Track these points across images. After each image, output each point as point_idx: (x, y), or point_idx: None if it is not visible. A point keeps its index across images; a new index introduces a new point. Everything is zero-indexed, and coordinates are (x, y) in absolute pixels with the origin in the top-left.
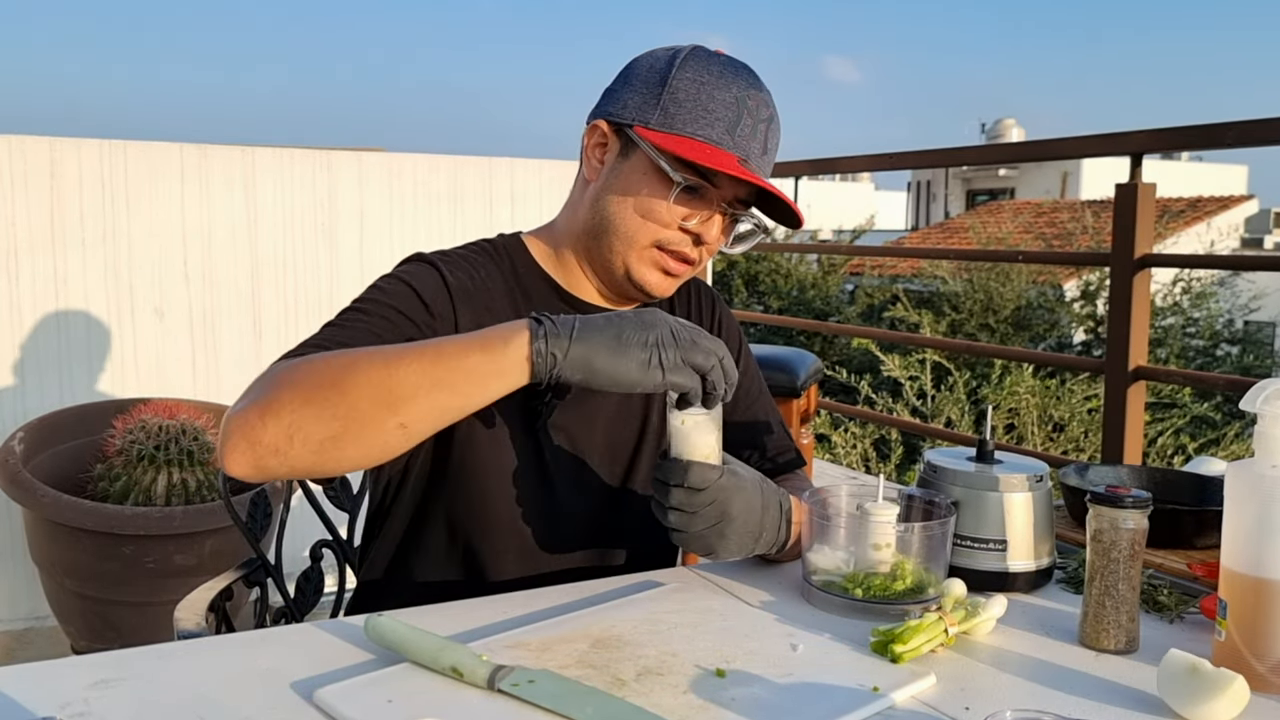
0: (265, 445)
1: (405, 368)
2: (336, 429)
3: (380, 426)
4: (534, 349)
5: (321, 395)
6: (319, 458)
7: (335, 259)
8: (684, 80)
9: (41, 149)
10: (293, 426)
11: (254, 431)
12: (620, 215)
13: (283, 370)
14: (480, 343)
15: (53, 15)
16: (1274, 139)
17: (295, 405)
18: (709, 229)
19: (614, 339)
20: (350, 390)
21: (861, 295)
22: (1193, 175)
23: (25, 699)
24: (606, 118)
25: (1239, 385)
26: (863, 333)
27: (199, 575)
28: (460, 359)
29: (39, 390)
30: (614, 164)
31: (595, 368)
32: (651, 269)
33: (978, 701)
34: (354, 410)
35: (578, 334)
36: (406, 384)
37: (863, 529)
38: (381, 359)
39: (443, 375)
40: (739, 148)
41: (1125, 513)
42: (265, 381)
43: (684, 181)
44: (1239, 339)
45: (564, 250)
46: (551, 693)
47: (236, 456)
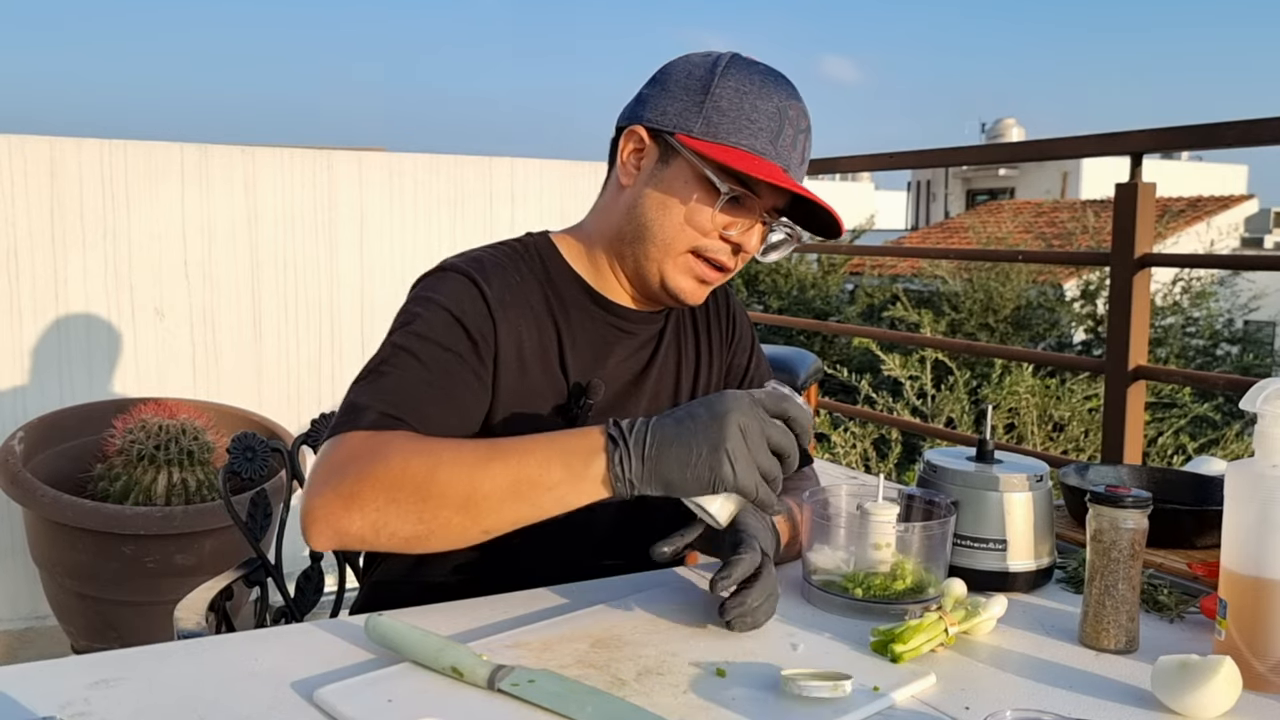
0: (352, 536)
1: (487, 480)
2: (422, 531)
3: (463, 532)
4: (612, 475)
5: (405, 498)
6: (405, 548)
7: (335, 259)
8: (727, 89)
9: (41, 149)
10: (379, 524)
11: (339, 522)
12: (659, 221)
13: (360, 454)
14: (562, 459)
15: (53, 15)
16: (1274, 139)
17: (380, 504)
18: (749, 238)
19: (684, 454)
20: (433, 497)
21: (861, 295)
22: (1193, 175)
23: (25, 699)
24: (644, 123)
25: (1239, 385)
26: (863, 332)
27: (199, 575)
28: (542, 474)
29: (39, 390)
30: (652, 170)
31: (671, 487)
32: (686, 276)
33: (978, 701)
34: (438, 517)
35: (651, 453)
36: (490, 499)
37: (863, 529)
38: (465, 467)
39: (524, 491)
40: (781, 158)
41: (1125, 512)
42: (342, 464)
43: (731, 192)
44: (1239, 338)
45: (596, 252)
46: (551, 692)
47: (321, 541)
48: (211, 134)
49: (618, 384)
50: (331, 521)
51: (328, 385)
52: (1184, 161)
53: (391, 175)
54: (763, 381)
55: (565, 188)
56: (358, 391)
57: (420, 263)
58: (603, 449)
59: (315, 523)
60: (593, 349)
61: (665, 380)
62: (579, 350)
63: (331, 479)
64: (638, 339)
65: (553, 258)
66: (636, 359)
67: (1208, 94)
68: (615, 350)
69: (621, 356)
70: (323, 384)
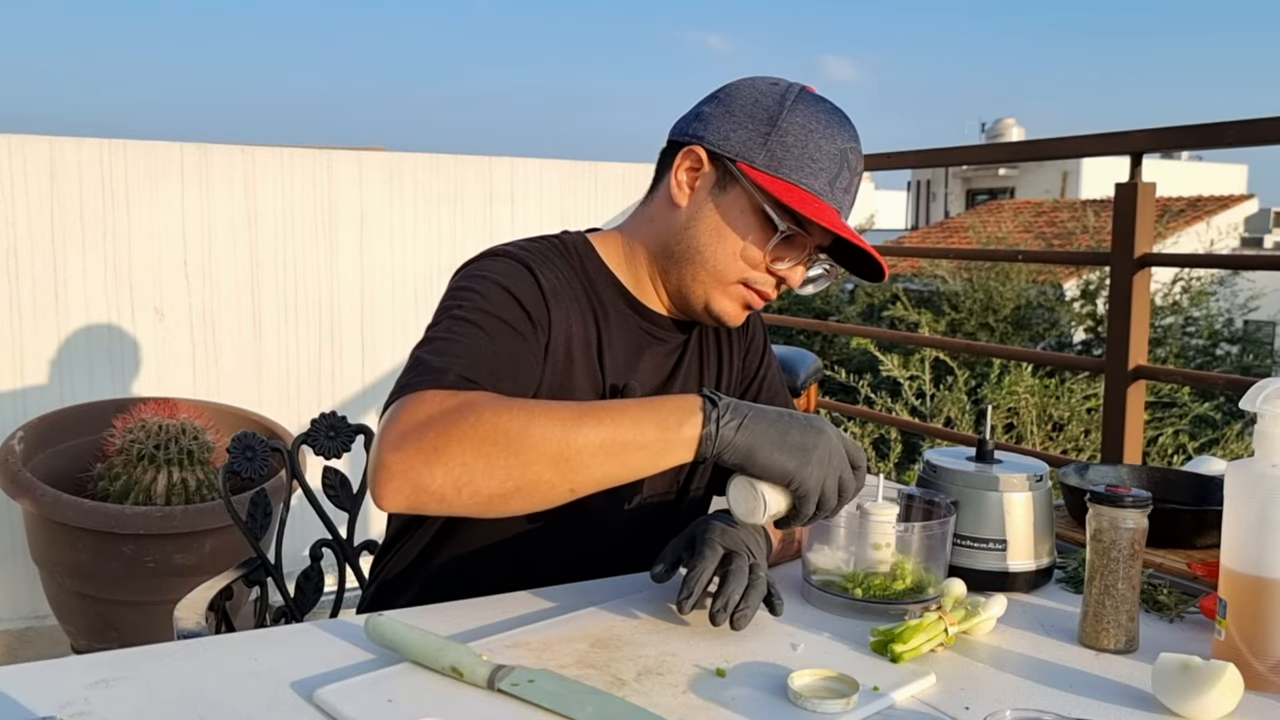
0: (431, 493)
1: (583, 436)
2: (509, 488)
3: (552, 489)
4: (705, 433)
5: (497, 452)
6: (484, 509)
7: (335, 259)
8: (794, 125)
9: (41, 149)
10: (462, 479)
11: (420, 477)
12: (712, 249)
13: (445, 412)
14: (658, 417)
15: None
16: (1274, 138)
17: (467, 459)
18: (795, 274)
19: (780, 435)
20: (525, 451)
21: (861, 294)
22: (1193, 175)
23: (25, 699)
24: (705, 145)
25: (1239, 385)
26: (862, 332)
27: (199, 575)
28: (636, 433)
29: (39, 390)
30: (709, 194)
31: (754, 458)
32: (734, 303)
33: (978, 701)
34: (528, 472)
35: (748, 422)
36: (583, 453)
37: (862, 529)
38: (560, 423)
39: (618, 448)
40: (835, 200)
41: (1125, 512)
42: (424, 422)
43: (788, 231)
44: (1239, 338)
45: (637, 259)
46: (551, 692)
47: (396, 498)
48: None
49: (645, 389)
50: (411, 477)
51: (328, 385)
52: (1184, 161)
53: (391, 175)
54: (775, 385)
55: (565, 188)
56: (429, 353)
57: (420, 263)
58: (700, 408)
59: (392, 478)
60: (626, 352)
61: (689, 386)
62: (615, 351)
63: (412, 434)
64: (668, 345)
65: (590, 257)
66: (664, 365)
67: (1207, 94)
68: (646, 355)
69: (651, 362)
70: (323, 383)
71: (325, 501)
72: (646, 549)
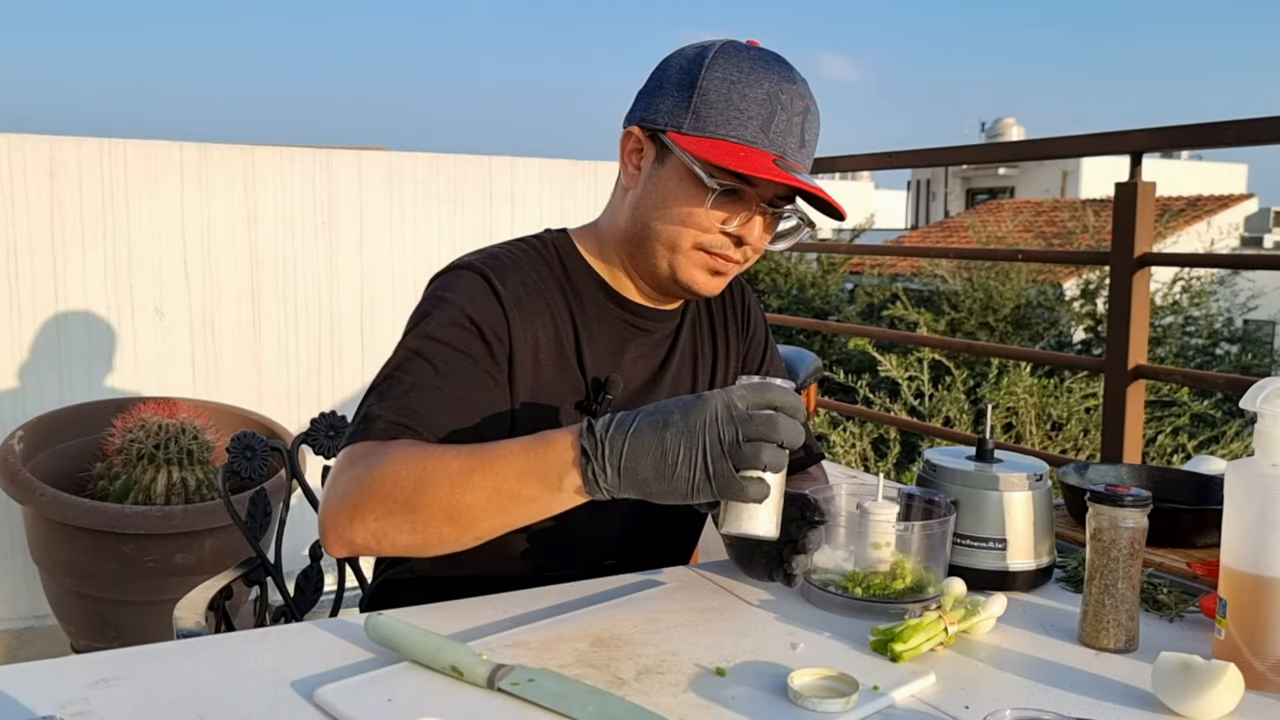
0: (358, 545)
1: (471, 493)
2: (419, 540)
3: (456, 540)
4: (588, 487)
5: (400, 509)
6: (408, 554)
7: (335, 258)
8: (714, 80)
9: (41, 149)
10: (379, 533)
11: (345, 533)
12: (660, 223)
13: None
14: (538, 477)
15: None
16: (1274, 138)
17: (379, 515)
18: (750, 230)
19: (659, 463)
20: (421, 509)
21: (861, 294)
22: (1193, 174)
23: (25, 698)
24: (640, 123)
25: (1238, 384)
26: (863, 331)
27: (199, 574)
28: (520, 489)
29: (39, 390)
30: (650, 170)
31: (649, 493)
32: (699, 270)
33: (978, 700)
34: (429, 527)
35: (626, 464)
36: (473, 508)
37: (862, 528)
38: (448, 481)
39: (505, 504)
40: (774, 145)
41: (1125, 511)
42: (347, 471)
43: (719, 187)
44: (1238, 338)
45: (609, 251)
46: (551, 692)
47: (336, 549)
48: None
49: (636, 381)
50: (340, 532)
51: (327, 385)
52: (1184, 161)
53: (391, 175)
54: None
55: (565, 187)
56: (371, 400)
57: (420, 262)
58: (574, 464)
59: (326, 533)
60: (609, 346)
61: (683, 376)
62: (596, 346)
63: (336, 490)
64: (654, 336)
65: (571, 255)
66: (653, 356)
67: (1207, 94)
68: (631, 347)
69: (638, 354)
70: (322, 383)
71: None
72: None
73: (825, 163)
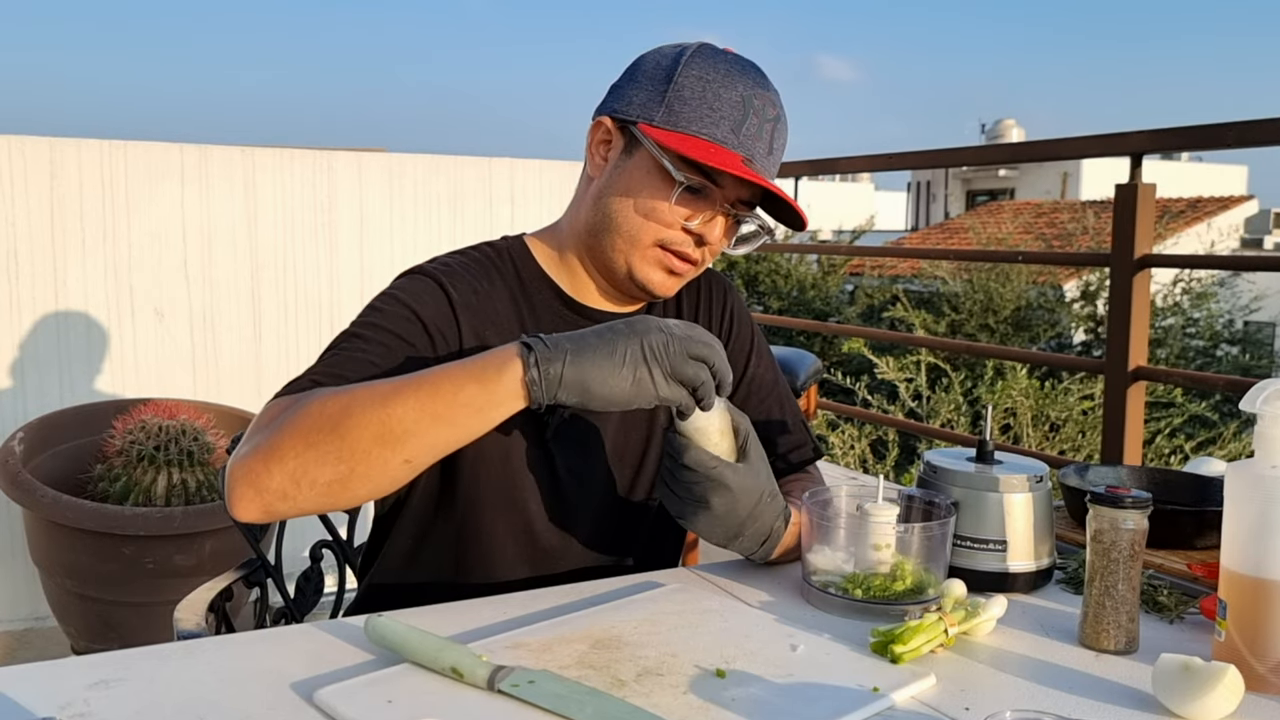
0: (272, 491)
1: (401, 405)
2: (342, 471)
3: (384, 465)
4: (528, 377)
5: (322, 439)
6: (327, 499)
7: (335, 259)
8: (690, 78)
9: (41, 149)
10: (297, 472)
11: (259, 479)
12: (622, 214)
13: (281, 413)
14: (475, 373)
15: (53, 15)
16: (1274, 139)
17: (298, 450)
18: (711, 230)
19: (606, 358)
20: (349, 432)
21: (861, 296)
22: (1193, 175)
23: (25, 699)
24: (611, 114)
25: (1239, 385)
26: (863, 333)
27: (199, 575)
28: (455, 393)
29: (39, 390)
30: (617, 161)
31: (590, 391)
32: (655, 268)
33: (978, 702)
34: (355, 451)
35: (570, 358)
36: (405, 421)
37: (862, 529)
38: (378, 398)
39: (440, 410)
40: (744, 147)
41: (1125, 513)
42: (264, 426)
43: (686, 181)
44: (1239, 339)
45: (567, 252)
46: (551, 693)
47: (245, 504)
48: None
49: None
50: (251, 480)
51: None
52: (1184, 162)
53: (391, 176)
54: (767, 382)
55: (565, 187)
56: (300, 377)
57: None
58: (517, 354)
59: (236, 484)
60: None
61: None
62: None
63: (250, 439)
64: None
65: (525, 262)
66: None
67: (1207, 95)
68: None
69: None
70: None
71: None
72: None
73: (826, 164)
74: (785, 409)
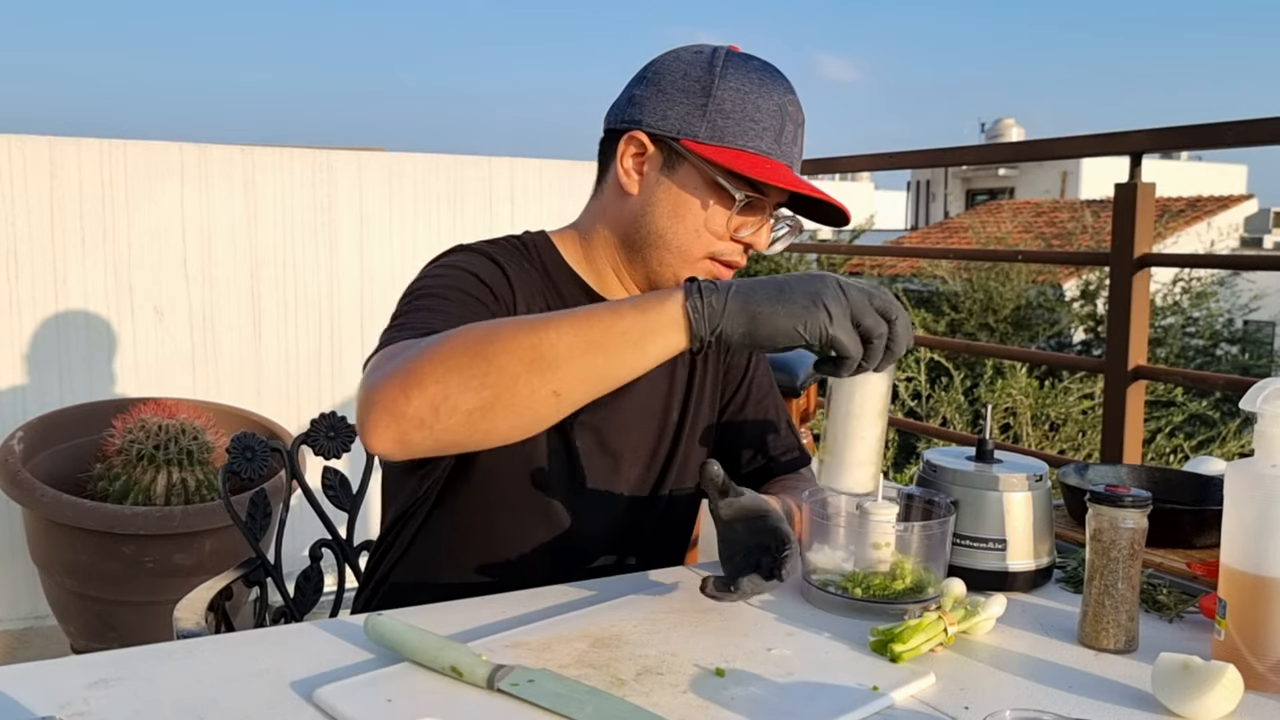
0: (409, 418)
1: (555, 331)
2: (486, 398)
3: (532, 393)
4: (690, 304)
5: (468, 362)
6: (468, 429)
7: (335, 259)
8: (728, 90)
9: (41, 149)
10: (438, 397)
11: (395, 404)
12: (673, 229)
13: (419, 343)
14: (633, 304)
15: (53, 15)
16: (1274, 138)
17: (439, 374)
18: (759, 237)
19: (776, 291)
20: (498, 356)
21: None
22: (1192, 175)
23: (25, 699)
24: (644, 128)
25: (1238, 385)
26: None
27: (199, 575)
28: (614, 320)
29: (39, 390)
30: (659, 177)
31: (757, 322)
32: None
33: (977, 701)
34: (503, 376)
35: (735, 289)
36: (559, 347)
37: (862, 528)
38: (529, 324)
39: (597, 337)
40: (785, 155)
41: (1125, 512)
42: (399, 356)
43: (746, 198)
44: (1239, 339)
45: (596, 254)
46: (551, 692)
47: (380, 432)
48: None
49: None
50: (388, 405)
51: (327, 385)
52: (1183, 161)
53: (391, 175)
54: (764, 384)
55: (565, 187)
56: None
57: (420, 263)
58: (679, 289)
59: (370, 411)
60: None
61: (659, 382)
62: None
63: (385, 369)
64: None
65: (551, 256)
66: None
67: (1207, 94)
68: None
69: None
70: (322, 384)
71: (325, 502)
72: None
73: (825, 164)
74: (780, 412)
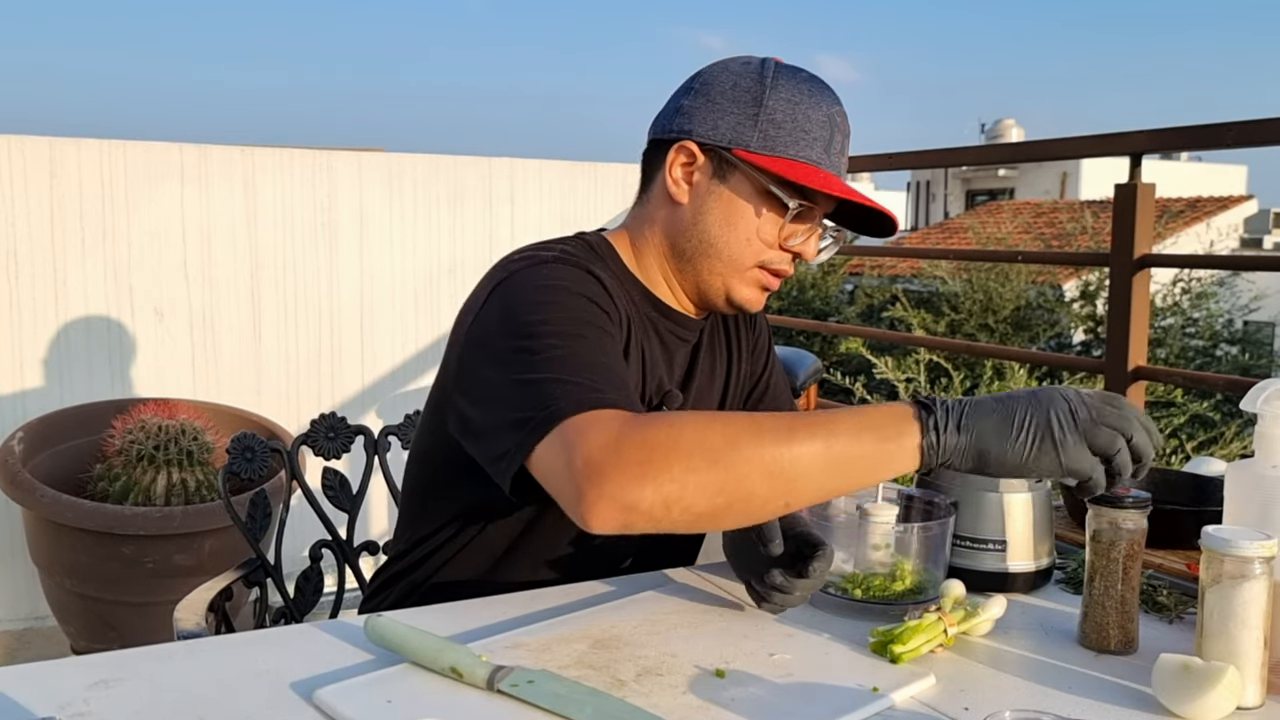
0: (641, 512)
1: (799, 448)
2: (721, 504)
3: (765, 504)
4: (925, 442)
5: (707, 466)
6: (693, 526)
7: (335, 259)
8: (780, 101)
9: (41, 149)
10: (673, 497)
11: (629, 494)
12: (725, 238)
13: (639, 426)
14: (872, 430)
15: (53, 15)
16: (1274, 139)
17: (677, 474)
18: (809, 246)
19: (1003, 423)
20: (739, 465)
21: (861, 295)
22: (1192, 175)
23: (25, 699)
24: (694, 138)
25: (1238, 385)
26: (862, 333)
27: (199, 575)
28: (853, 446)
29: (39, 390)
30: (709, 186)
31: (985, 457)
32: (753, 288)
33: (977, 702)
34: (742, 488)
35: (966, 420)
36: (799, 465)
37: (862, 530)
38: (772, 436)
39: (837, 461)
40: (834, 165)
41: (1125, 513)
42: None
43: (799, 207)
44: (1239, 339)
45: (648, 261)
46: (551, 693)
47: (605, 514)
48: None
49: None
50: (619, 495)
51: (327, 385)
52: (1183, 162)
53: (391, 176)
54: (779, 385)
55: (564, 188)
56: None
57: (420, 264)
58: (914, 418)
59: (599, 496)
60: (652, 352)
61: (704, 384)
62: (652, 351)
63: (609, 454)
64: (687, 345)
65: (613, 258)
66: (683, 363)
67: (1207, 94)
68: (664, 353)
69: (672, 360)
70: (322, 384)
71: (325, 502)
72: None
73: None
74: (792, 408)
